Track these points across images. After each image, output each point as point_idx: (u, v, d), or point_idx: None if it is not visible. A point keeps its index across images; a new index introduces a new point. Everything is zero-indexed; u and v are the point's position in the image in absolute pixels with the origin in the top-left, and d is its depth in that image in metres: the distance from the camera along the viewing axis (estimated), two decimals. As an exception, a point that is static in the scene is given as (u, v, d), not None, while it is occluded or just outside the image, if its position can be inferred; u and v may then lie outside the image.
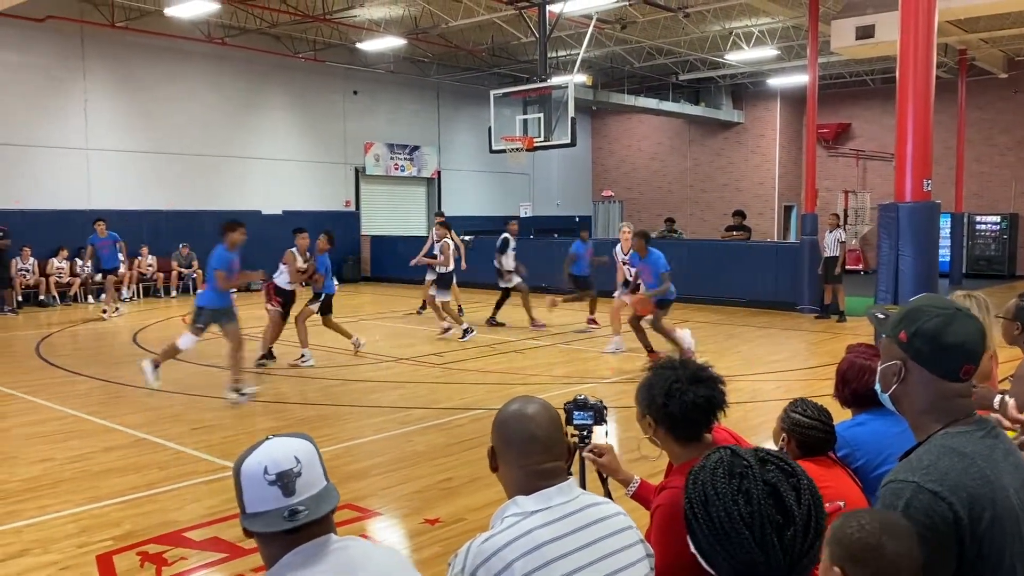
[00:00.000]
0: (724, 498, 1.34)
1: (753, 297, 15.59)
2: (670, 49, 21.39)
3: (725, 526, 1.32)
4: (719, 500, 1.34)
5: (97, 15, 17.25)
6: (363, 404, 8.03)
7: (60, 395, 8.36)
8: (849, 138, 25.85)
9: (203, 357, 10.57)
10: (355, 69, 22.07)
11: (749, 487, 1.34)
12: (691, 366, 2.36)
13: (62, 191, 17.37)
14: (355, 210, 22.99)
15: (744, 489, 1.34)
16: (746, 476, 1.35)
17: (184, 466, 5.98)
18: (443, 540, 4.59)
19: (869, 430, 3.03)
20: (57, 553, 4.41)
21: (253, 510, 1.66)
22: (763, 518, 1.31)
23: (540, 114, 15.17)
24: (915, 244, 6.02)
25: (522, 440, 1.92)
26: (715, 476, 1.37)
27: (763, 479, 1.34)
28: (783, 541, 1.31)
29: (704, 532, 1.35)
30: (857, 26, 13.40)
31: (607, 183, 29.86)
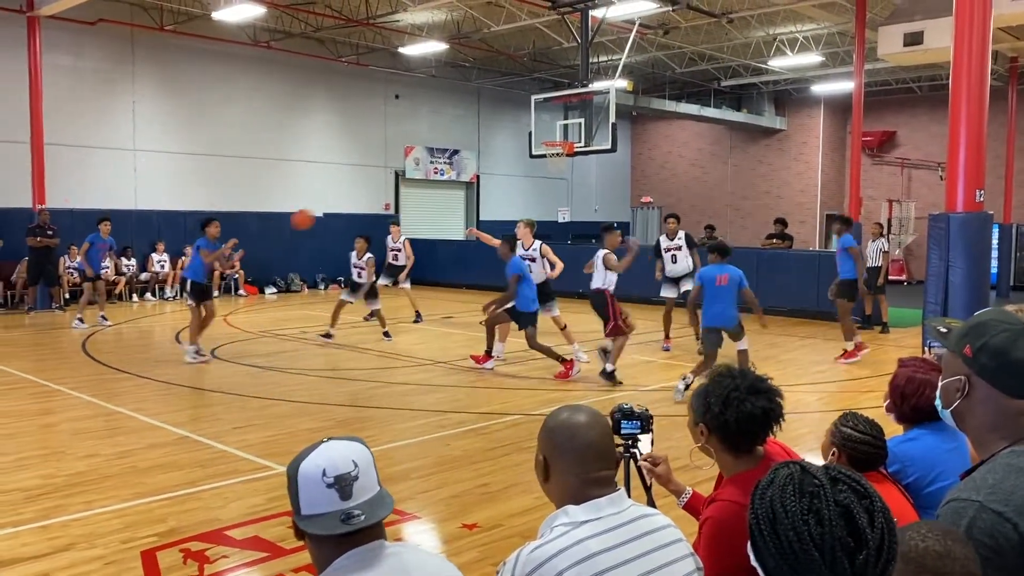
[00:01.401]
0: (794, 517, 1.30)
1: (795, 306, 15.38)
2: (712, 55, 21.23)
3: (794, 547, 1.28)
4: (788, 519, 1.30)
5: (147, 18, 17.59)
6: (401, 407, 8.06)
7: (105, 392, 8.51)
8: (894, 146, 25.42)
9: (244, 356, 10.71)
10: (397, 73, 22.24)
11: (820, 507, 1.30)
12: (750, 376, 2.33)
13: (110, 191, 17.71)
14: (394, 213, 23.12)
15: (815, 509, 1.30)
16: (817, 496, 1.31)
17: (226, 464, 6.05)
18: (481, 545, 4.57)
19: (922, 446, 2.97)
20: (102, 548, 4.47)
21: (309, 512, 1.66)
22: (834, 541, 1.27)
23: (581, 119, 15.15)
24: (966, 255, 5.89)
25: (579, 447, 1.90)
26: (784, 494, 1.33)
27: (835, 499, 1.30)
28: (854, 565, 1.27)
29: (771, 551, 1.31)
30: (905, 32, 13.18)
31: (646, 189, 29.70)
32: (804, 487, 1.32)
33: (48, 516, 4.95)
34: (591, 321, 10.58)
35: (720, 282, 8.51)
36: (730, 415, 2.26)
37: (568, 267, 18.38)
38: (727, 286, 8.50)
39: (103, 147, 17.67)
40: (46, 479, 5.66)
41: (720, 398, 2.29)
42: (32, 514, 4.98)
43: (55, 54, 16.62)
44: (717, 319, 8.48)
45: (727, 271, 8.55)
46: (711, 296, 8.48)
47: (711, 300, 8.49)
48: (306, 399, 8.42)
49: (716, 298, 8.46)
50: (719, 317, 8.46)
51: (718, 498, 2.30)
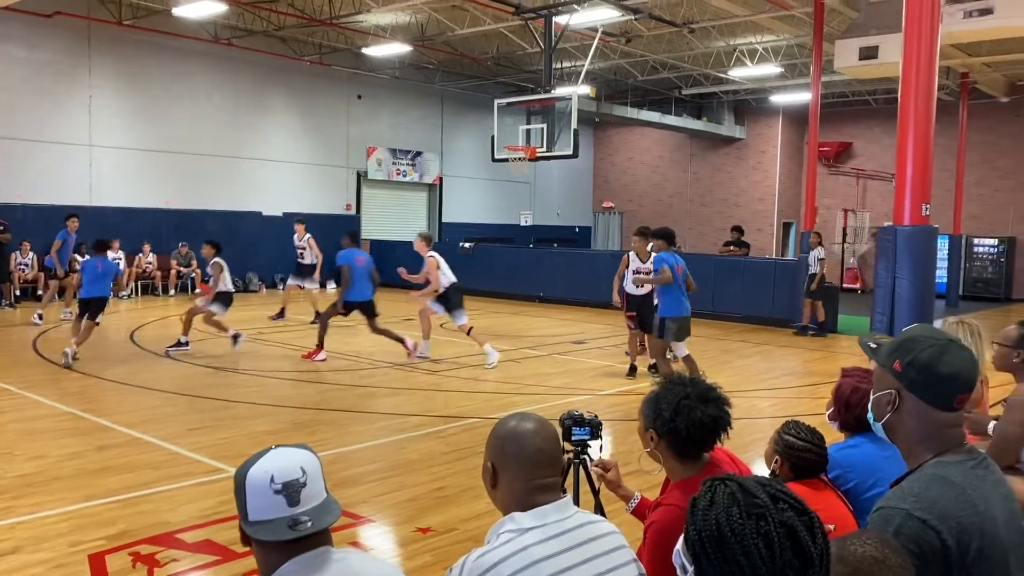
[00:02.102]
0: (743, 540, 1.34)
1: (750, 313, 15.63)
2: (674, 64, 21.48)
3: (746, 570, 1.33)
4: (736, 541, 1.34)
5: (105, 12, 17.30)
6: (359, 410, 8.05)
7: (56, 392, 8.37)
8: (850, 157, 25.93)
9: (199, 357, 10.60)
10: (360, 74, 22.14)
11: (768, 530, 1.34)
12: (701, 385, 2.39)
13: (64, 187, 17.38)
14: (356, 214, 23.02)
15: (763, 532, 1.34)
16: (763, 518, 1.35)
17: (179, 467, 5.99)
18: (435, 549, 4.60)
19: (861, 453, 3.06)
20: (49, 551, 4.41)
21: (256, 518, 1.68)
22: (784, 563, 1.32)
23: (543, 124, 15.23)
24: (912, 267, 6.06)
25: (527, 454, 1.94)
26: (730, 515, 1.36)
27: (779, 520, 1.35)
28: None
29: (718, 572, 1.36)
30: (861, 47, 13.48)
31: (608, 195, 29.93)
32: (749, 508, 1.36)
33: (-6, 519, 4.87)
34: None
35: (679, 270, 8.73)
36: (680, 422, 2.32)
37: (529, 270, 18.47)
38: (682, 274, 8.75)
39: (58, 142, 17.33)
40: (-8, 481, 5.56)
41: (671, 405, 2.34)
42: (-23, 517, 4.89)
43: (9, 46, 16.29)
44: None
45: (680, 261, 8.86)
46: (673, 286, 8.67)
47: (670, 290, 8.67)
48: (263, 401, 8.36)
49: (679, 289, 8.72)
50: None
51: (663, 503, 2.36)
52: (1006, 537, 1.77)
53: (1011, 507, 1.84)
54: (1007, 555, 1.76)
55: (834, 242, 24.63)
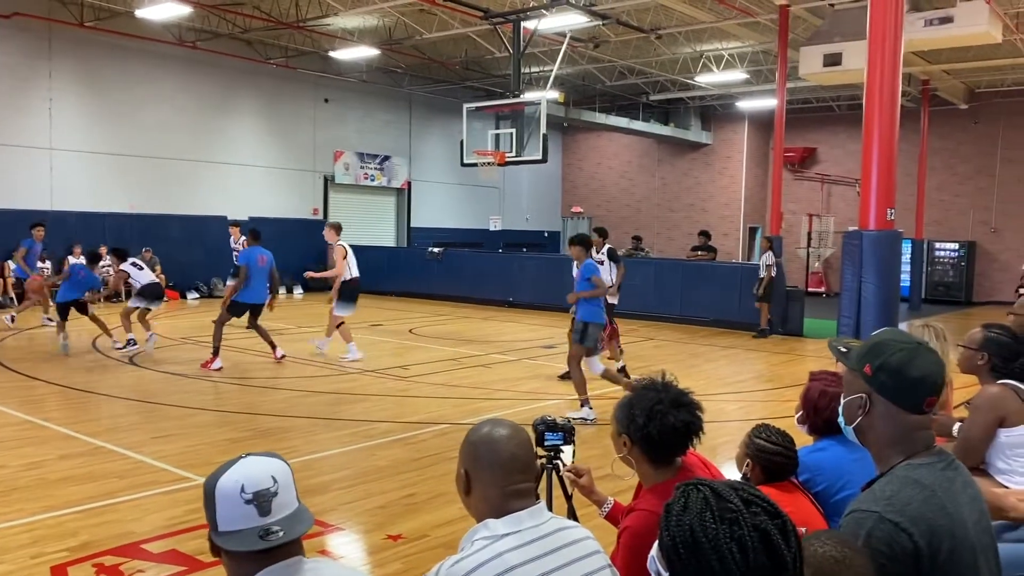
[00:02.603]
0: (716, 545, 1.34)
1: (717, 317, 15.77)
2: (641, 69, 21.63)
3: (718, 574, 1.33)
4: (710, 546, 1.34)
5: (66, 13, 17.01)
6: (326, 416, 7.97)
7: (15, 400, 8.18)
8: (815, 162, 26.30)
9: (164, 363, 10.44)
10: (327, 77, 22.00)
11: (741, 534, 1.34)
12: (674, 390, 2.39)
13: (24, 191, 17.05)
14: (323, 218, 22.82)
15: (736, 536, 1.34)
16: (736, 522, 1.35)
17: (143, 476, 5.89)
18: (405, 556, 4.56)
19: (830, 455, 3.09)
20: (9, 563, 4.31)
21: (226, 528, 1.65)
22: (758, 567, 1.33)
23: (512, 129, 15.24)
24: (877, 272, 6.14)
25: (502, 460, 1.93)
26: (703, 520, 1.36)
27: (753, 524, 1.35)
28: None
29: (691, 575, 1.36)
30: (825, 53, 13.67)
31: (576, 199, 30.05)
32: (722, 513, 1.36)
33: (-49, 531, 4.74)
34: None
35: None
36: (653, 427, 2.32)
37: (498, 275, 18.42)
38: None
39: (17, 145, 17.00)
40: (-51, 492, 5.42)
41: (644, 410, 2.34)
42: (-67, 529, 4.76)
43: (-34, 47, 15.96)
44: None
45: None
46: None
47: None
48: (229, 408, 8.25)
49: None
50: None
51: (636, 508, 2.36)
52: (975, 538, 1.79)
53: (979, 508, 1.86)
54: (976, 556, 1.78)
55: (799, 246, 24.96)
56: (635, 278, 16.73)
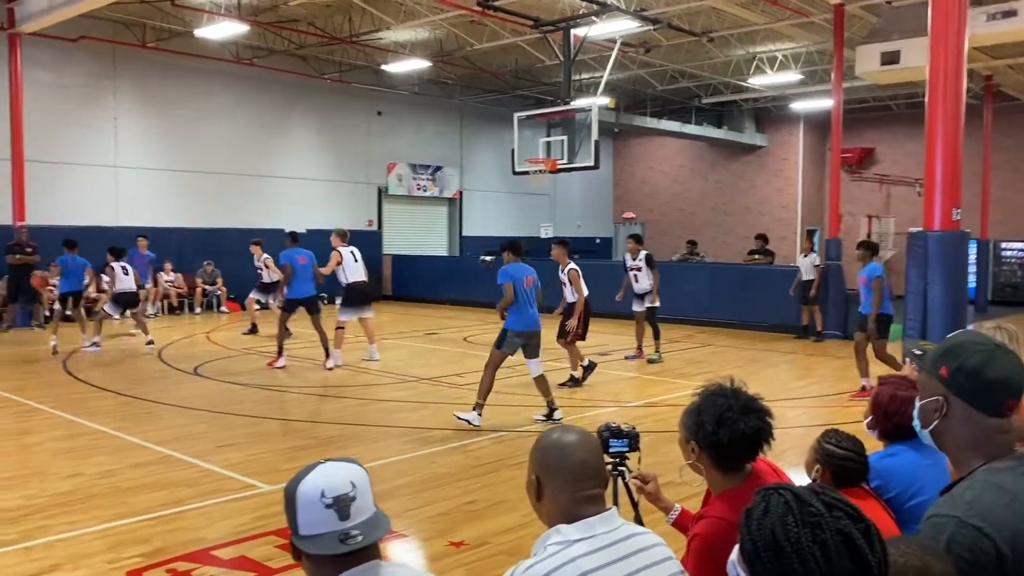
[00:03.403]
0: (799, 548, 1.33)
1: (777, 322, 15.51)
2: (693, 73, 21.46)
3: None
4: (792, 550, 1.33)
5: (129, 35, 17.57)
6: (386, 424, 8.07)
7: (87, 410, 8.45)
8: (873, 163, 25.75)
9: (227, 374, 10.67)
10: (380, 90, 22.30)
11: (824, 538, 1.33)
12: (743, 395, 2.37)
13: (91, 208, 17.62)
14: (377, 229, 23.15)
15: (819, 540, 1.32)
16: (818, 526, 1.34)
17: (211, 483, 6.03)
18: (468, 563, 4.59)
19: (902, 461, 3.02)
20: (88, 569, 4.45)
21: (307, 532, 1.69)
22: (842, 571, 1.31)
23: (563, 136, 15.26)
24: (944, 273, 6.00)
25: (571, 466, 1.93)
26: (785, 524, 1.35)
27: (835, 528, 1.34)
28: None
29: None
30: (882, 52, 13.40)
31: (628, 205, 29.88)
32: (804, 517, 1.35)
33: (32, 537, 4.91)
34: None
35: (527, 283, 8.03)
36: (723, 434, 2.30)
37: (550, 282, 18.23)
38: (532, 288, 8.09)
39: (84, 164, 17.59)
40: (28, 499, 5.61)
41: (714, 417, 2.32)
42: (16, 535, 4.94)
43: (37, 71, 16.56)
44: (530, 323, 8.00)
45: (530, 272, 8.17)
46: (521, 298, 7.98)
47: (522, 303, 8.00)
48: (291, 417, 8.41)
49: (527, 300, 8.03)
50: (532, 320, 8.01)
51: (706, 515, 2.34)
52: (1060, 545, 1.74)
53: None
54: (1062, 563, 1.73)
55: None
56: (690, 283, 16.60)
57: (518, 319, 7.93)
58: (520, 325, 7.93)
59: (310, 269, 11.33)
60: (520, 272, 8.06)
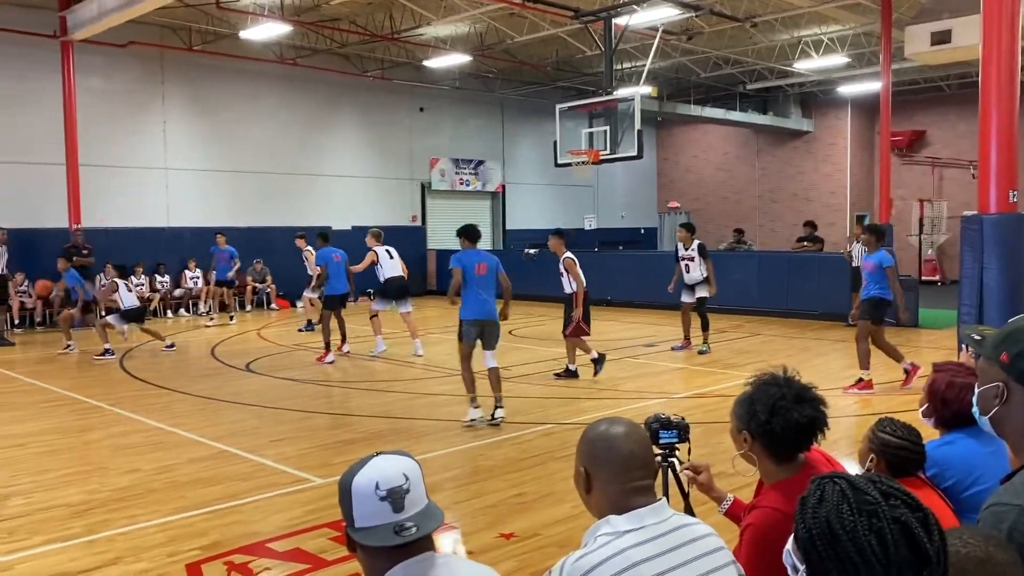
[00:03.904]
0: (855, 537, 1.31)
1: (827, 310, 15.25)
2: (737, 59, 21.17)
3: (860, 568, 1.30)
4: (848, 538, 1.31)
5: (176, 39, 17.91)
6: (433, 418, 8.12)
7: (144, 408, 8.65)
8: (924, 145, 25.16)
9: (278, 370, 10.85)
10: (421, 86, 22.42)
11: (881, 527, 1.31)
12: (796, 384, 2.35)
13: (143, 209, 18.03)
14: (421, 224, 23.29)
15: (876, 529, 1.31)
16: (875, 515, 1.32)
17: (265, 478, 6.14)
18: (518, 555, 4.60)
19: (960, 449, 2.96)
20: (148, 562, 4.57)
21: (363, 524, 1.72)
22: (900, 560, 1.29)
23: (606, 127, 15.17)
24: (1000, 257, 5.84)
25: (622, 457, 1.93)
26: (840, 512, 1.33)
27: (892, 516, 1.32)
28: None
29: (830, 569, 1.33)
30: (932, 31, 13.05)
31: (673, 194, 29.63)
32: (860, 505, 1.33)
33: (94, 531, 5.06)
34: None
35: (479, 270, 7.75)
36: (776, 423, 2.28)
37: (595, 274, 18.29)
38: (486, 275, 7.79)
39: (135, 167, 18.00)
40: (90, 494, 5.78)
41: (766, 406, 2.30)
42: (79, 529, 5.09)
43: (88, 77, 16.96)
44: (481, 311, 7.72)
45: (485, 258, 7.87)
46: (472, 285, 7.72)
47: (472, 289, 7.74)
48: (341, 411, 8.52)
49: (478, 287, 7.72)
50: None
51: (759, 505, 2.32)
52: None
53: None
54: None
55: (911, 234, 23.93)
56: (738, 272, 16.41)
57: (468, 307, 7.72)
58: (470, 313, 7.71)
59: (343, 266, 11.94)
60: (471, 259, 7.81)
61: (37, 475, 6.29)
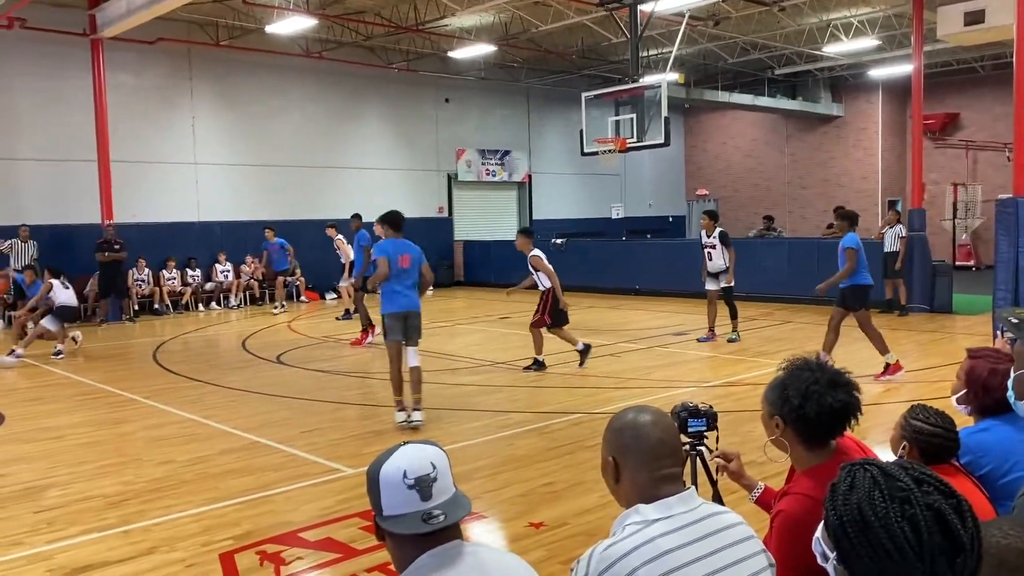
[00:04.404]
0: (887, 524, 1.29)
1: (858, 296, 15.04)
2: (765, 43, 20.92)
3: (893, 555, 1.28)
4: (880, 525, 1.29)
5: (203, 35, 18.06)
6: (463, 408, 8.15)
7: (177, 400, 8.77)
8: (957, 129, 24.72)
9: (308, 361, 10.94)
10: (446, 77, 22.42)
11: (913, 513, 1.29)
12: (829, 370, 2.32)
13: (173, 204, 18.24)
14: (448, 216, 23.33)
15: (908, 516, 1.28)
16: (907, 501, 1.30)
17: (296, 468, 6.20)
18: (548, 544, 4.61)
19: (995, 436, 2.92)
20: (183, 551, 4.64)
21: (391, 512, 1.73)
22: (933, 547, 1.27)
23: (632, 114, 15.08)
24: (1037, 240, 5.72)
25: (650, 445, 1.92)
26: (872, 499, 1.31)
27: (925, 503, 1.30)
28: (954, 568, 1.27)
29: (863, 557, 1.31)
30: (965, 12, 12.82)
31: (701, 182, 29.40)
32: (892, 492, 1.31)
33: (130, 521, 5.14)
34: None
35: (403, 262, 7.35)
36: (810, 408, 2.25)
37: (623, 263, 18.27)
38: (409, 267, 7.40)
39: (166, 162, 18.20)
40: (126, 485, 5.87)
41: (799, 391, 2.28)
42: (115, 519, 5.18)
43: (118, 74, 17.15)
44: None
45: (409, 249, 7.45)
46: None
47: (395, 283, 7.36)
48: (370, 402, 8.57)
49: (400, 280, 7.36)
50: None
51: (790, 491, 2.30)
52: None
53: None
54: None
55: (944, 218, 23.56)
56: (768, 259, 16.26)
57: (387, 301, 7.32)
58: (393, 306, 7.30)
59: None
60: (396, 248, 7.35)
61: (74, 467, 6.40)
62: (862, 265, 8.93)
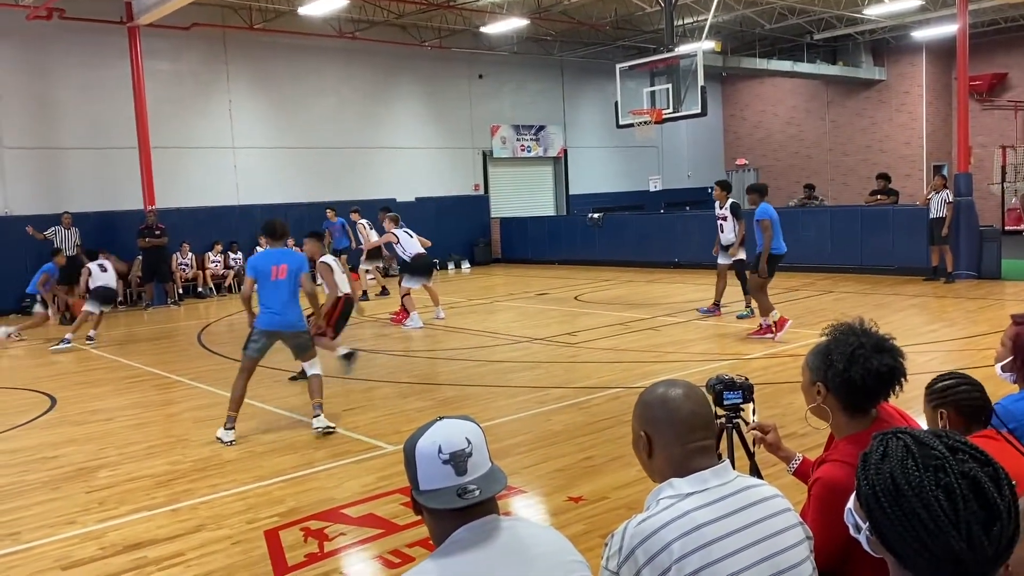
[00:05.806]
0: (921, 493, 1.26)
1: (903, 264, 14.79)
2: (803, 8, 20.45)
3: (927, 524, 1.25)
4: (914, 494, 1.26)
5: (237, 19, 18.17)
6: (501, 384, 8.18)
7: (222, 381, 8.88)
8: (1005, 89, 23.98)
9: (347, 341, 11.03)
10: (479, 53, 22.31)
11: (948, 481, 1.25)
12: (874, 335, 2.28)
13: (213, 189, 18.47)
14: (484, 193, 23.30)
15: (943, 484, 1.25)
16: (942, 469, 1.26)
17: (338, 446, 6.28)
18: (588, 518, 4.62)
19: (1041, 404, 2.85)
20: (229, 529, 4.73)
21: (427, 487, 1.74)
22: (969, 515, 1.24)
23: (668, 85, 14.90)
24: (1088, 201, 5.53)
25: (683, 417, 1.91)
26: (905, 467, 1.28)
27: (960, 471, 1.26)
28: (990, 536, 1.24)
29: (897, 526, 1.28)
30: (1013, -33, 12.38)
31: (740, 151, 28.96)
32: (926, 460, 1.28)
33: (178, 500, 5.26)
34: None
35: (277, 273, 6.67)
36: (855, 372, 2.21)
37: (661, 236, 18.05)
38: (285, 279, 6.69)
39: (204, 147, 18.42)
40: (173, 465, 6.01)
41: (844, 355, 2.23)
42: (163, 498, 5.30)
43: (155, 60, 17.34)
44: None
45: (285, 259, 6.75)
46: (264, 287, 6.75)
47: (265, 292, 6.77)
48: (409, 380, 8.64)
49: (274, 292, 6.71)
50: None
51: (829, 459, 2.26)
52: None
53: None
54: None
55: (992, 182, 22.94)
56: (810, 228, 16.01)
57: (261, 316, 6.79)
58: (262, 323, 6.78)
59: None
60: (267, 261, 6.77)
61: (123, 448, 6.56)
62: (777, 234, 9.85)
